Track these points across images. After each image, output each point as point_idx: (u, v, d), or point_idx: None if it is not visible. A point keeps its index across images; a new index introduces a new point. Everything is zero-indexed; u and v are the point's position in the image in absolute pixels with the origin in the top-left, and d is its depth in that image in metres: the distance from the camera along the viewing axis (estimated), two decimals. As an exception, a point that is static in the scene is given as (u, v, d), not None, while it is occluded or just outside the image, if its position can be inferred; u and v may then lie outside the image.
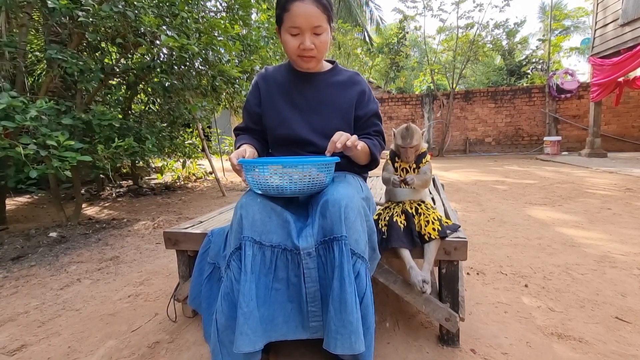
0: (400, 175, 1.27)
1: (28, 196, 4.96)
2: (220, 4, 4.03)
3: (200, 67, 3.63)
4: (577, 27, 16.20)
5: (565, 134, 10.37)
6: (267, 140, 1.37)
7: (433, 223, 1.19)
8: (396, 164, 1.29)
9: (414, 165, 1.28)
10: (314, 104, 1.29)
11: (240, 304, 0.94)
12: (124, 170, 5.98)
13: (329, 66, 1.35)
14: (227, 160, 10.11)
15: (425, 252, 1.18)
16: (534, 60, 13.21)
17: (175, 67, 3.40)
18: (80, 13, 2.52)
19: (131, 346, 1.32)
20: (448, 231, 1.21)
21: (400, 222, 1.20)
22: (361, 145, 1.18)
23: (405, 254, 1.17)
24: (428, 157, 1.27)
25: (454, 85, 11.21)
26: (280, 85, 1.32)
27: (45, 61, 3.35)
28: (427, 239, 1.18)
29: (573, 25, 16.06)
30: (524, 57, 13.87)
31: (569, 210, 3.29)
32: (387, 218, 1.23)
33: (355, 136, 1.11)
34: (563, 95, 10.26)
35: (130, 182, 5.67)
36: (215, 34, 3.37)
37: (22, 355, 1.30)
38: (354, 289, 0.94)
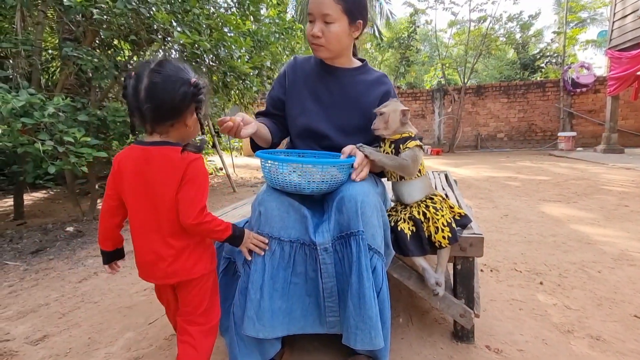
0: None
1: (44, 191, 5.08)
2: (232, 0, 4.04)
3: (211, 63, 3.65)
4: (594, 19, 15.72)
5: (580, 130, 10.13)
6: (285, 126, 1.36)
7: (443, 230, 1.12)
8: (381, 147, 1.21)
9: (391, 147, 1.17)
10: (337, 99, 1.28)
11: (249, 291, 0.98)
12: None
13: (358, 63, 1.34)
14: (236, 156, 10.16)
15: (437, 256, 1.17)
16: (548, 53, 12.88)
17: (187, 64, 3.42)
18: (94, 10, 2.55)
19: (149, 338, 1.35)
20: (458, 228, 1.18)
21: (408, 228, 1.13)
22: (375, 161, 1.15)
23: (416, 259, 1.15)
24: (413, 143, 1.13)
25: (466, 80, 11.04)
26: (307, 76, 1.31)
27: (59, 59, 3.41)
28: (438, 247, 1.13)
29: (590, 17, 15.60)
30: (538, 50, 13.55)
31: (585, 207, 3.22)
32: (392, 224, 1.16)
33: (366, 166, 1.11)
34: (578, 90, 10.00)
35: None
36: (226, 30, 3.38)
37: (45, 345, 1.34)
38: (372, 284, 0.95)
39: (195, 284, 0.94)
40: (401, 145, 1.14)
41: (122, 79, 3.60)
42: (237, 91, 4.48)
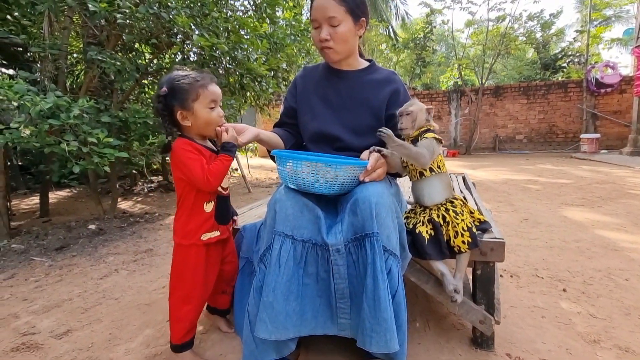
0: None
1: (68, 190, 5.26)
2: (249, 3, 4.09)
3: (228, 65, 3.70)
4: (619, 16, 15.14)
5: (604, 131, 9.77)
6: (299, 133, 1.39)
7: (462, 235, 1.08)
8: None
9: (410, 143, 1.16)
10: (346, 101, 1.29)
11: (263, 293, 0.97)
12: (155, 167, 6.21)
13: (365, 64, 1.35)
14: (251, 157, 10.25)
15: (456, 261, 1.14)
16: (570, 53, 12.48)
17: (205, 66, 3.48)
18: (118, 15, 2.63)
19: (167, 335, 1.37)
20: (478, 232, 1.15)
21: (426, 232, 1.11)
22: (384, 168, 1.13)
23: (434, 263, 1.13)
24: (431, 135, 1.12)
25: (483, 81, 10.83)
26: (317, 83, 1.34)
27: (84, 62, 3.53)
28: (457, 252, 1.10)
29: (615, 15, 15.03)
30: (559, 50, 13.14)
31: (610, 212, 3.10)
32: (411, 226, 1.15)
33: (380, 168, 1.10)
34: (603, 90, 9.67)
35: (160, 177, 5.88)
36: (243, 33, 3.42)
37: (68, 339, 1.38)
38: (387, 286, 0.94)
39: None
40: (419, 138, 1.13)
41: (144, 82, 3.71)
42: (253, 93, 4.52)
